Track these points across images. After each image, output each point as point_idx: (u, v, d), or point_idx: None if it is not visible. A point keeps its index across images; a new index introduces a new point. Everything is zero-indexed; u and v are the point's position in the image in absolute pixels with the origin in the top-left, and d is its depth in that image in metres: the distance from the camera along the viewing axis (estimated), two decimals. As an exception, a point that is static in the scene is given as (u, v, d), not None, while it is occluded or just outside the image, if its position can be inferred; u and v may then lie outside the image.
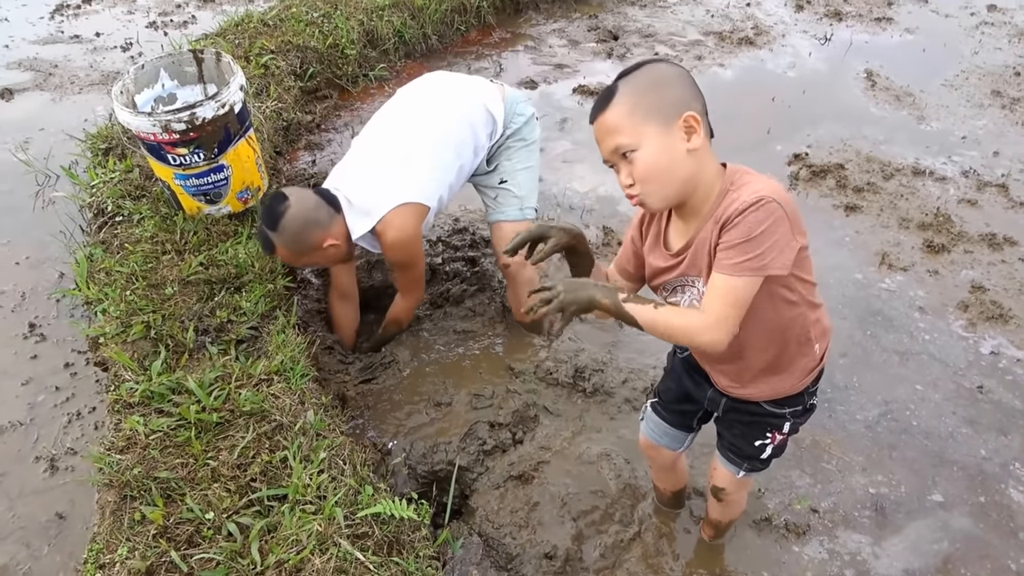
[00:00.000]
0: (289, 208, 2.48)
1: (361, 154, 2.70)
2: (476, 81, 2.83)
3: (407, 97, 2.79)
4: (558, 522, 2.38)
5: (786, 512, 2.49)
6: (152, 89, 3.09)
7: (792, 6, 5.95)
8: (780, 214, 1.40)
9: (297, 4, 4.93)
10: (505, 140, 2.81)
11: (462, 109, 2.69)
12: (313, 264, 2.71)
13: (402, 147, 2.62)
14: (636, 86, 1.47)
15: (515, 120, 2.79)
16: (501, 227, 2.84)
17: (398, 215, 2.54)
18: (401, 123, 2.70)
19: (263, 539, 1.96)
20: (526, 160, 2.85)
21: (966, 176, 4.06)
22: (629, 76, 1.49)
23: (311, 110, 4.44)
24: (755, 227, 1.40)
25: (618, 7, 5.96)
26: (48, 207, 3.63)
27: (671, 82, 1.48)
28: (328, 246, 2.57)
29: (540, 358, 2.95)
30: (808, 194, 3.92)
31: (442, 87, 2.78)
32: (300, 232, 2.51)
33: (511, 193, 2.82)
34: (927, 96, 4.79)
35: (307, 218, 2.51)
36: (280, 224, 2.48)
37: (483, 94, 2.74)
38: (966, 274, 3.43)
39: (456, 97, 2.72)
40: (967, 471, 2.63)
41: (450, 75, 2.87)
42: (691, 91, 1.49)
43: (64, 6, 5.65)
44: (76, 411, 2.73)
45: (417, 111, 2.71)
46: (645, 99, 1.46)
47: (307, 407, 2.39)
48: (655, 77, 1.48)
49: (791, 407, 1.82)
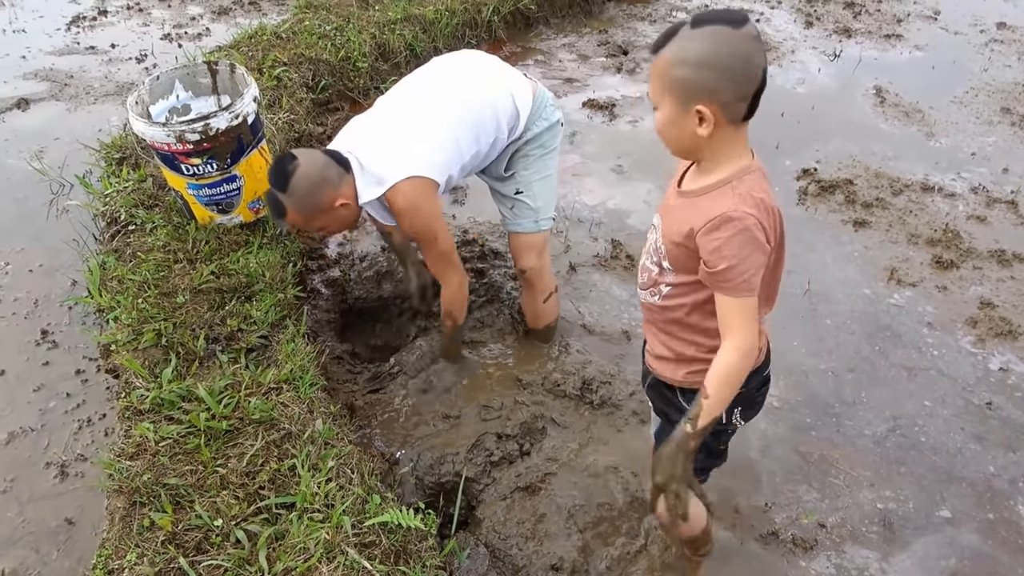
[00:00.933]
0: (299, 167, 2.38)
1: (381, 118, 2.58)
2: (509, 70, 2.70)
3: (439, 67, 2.67)
4: (564, 534, 2.39)
5: (793, 526, 2.48)
6: (167, 100, 3.13)
7: (802, 22, 5.98)
8: (751, 234, 1.51)
9: (310, 17, 4.98)
10: (525, 144, 2.70)
11: (490, 91, 2.57)
12: (324, 229, 2.59)
13: (422, 118, 2.52)
14: (682, 51, 1.46)
15: (538, 123, 2.67)
16: (517, 238, 2.82)
17: (409, 185, 2.44)
18: (427, 93, 2.59)
19: (271, 547, 1.97)
20: (543, 169, 2.77)
21: (975, 192, 4.06)
22: (692, 30, 1.45)
23: (322, 122, 4.47)
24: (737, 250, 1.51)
25: (628, 22, 6.00)
26: (62, 215, 3.67)
27: (708, 64, 1.43)
28: (340, 205, 2.46)
29: (548, 369, 2.95)
30: (817, 209, 3.92)
31: (476, 65, 2.67)
32: (311, 191, 2.40)
33: (527, 205, 2.77)
34: (936, 113, 4.80)
35: (318, 176, 2.40)
36: (290, 184, 2.38)
37: (514, 83, 2.62)
38: (975, 290, 3.42)
39: (487, 81, 2.61)
40: (976, 487, 2.62)
41: (485, 57, 2.74)
42: (724, 79, 1.44)
43: (80, 18, 5.72)
44: (87, 417, 2.76)
45: (445, 83, 2.60)
46: (677, 71, 1.46)
47: (316, 416, 2.40)
48: (698, 50, 1.44)
49: (685, 400, 1.85)
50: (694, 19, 1.46)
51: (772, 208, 1.55)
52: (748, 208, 1.50)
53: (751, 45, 1.44)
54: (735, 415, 1.84)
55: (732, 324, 1.58)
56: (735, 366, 1.59)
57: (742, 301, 1.55)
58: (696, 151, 1.57)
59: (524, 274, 2.88)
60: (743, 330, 1.57)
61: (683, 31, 1.46)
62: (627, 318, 3.24)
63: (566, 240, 3.65)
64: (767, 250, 1.54)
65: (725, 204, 1.51)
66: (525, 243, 2.80)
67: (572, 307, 3.25)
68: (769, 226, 1.54)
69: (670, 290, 1.73)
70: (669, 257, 1.68)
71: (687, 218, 1.59)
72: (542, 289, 2.93)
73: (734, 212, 1.49)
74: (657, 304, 1.77)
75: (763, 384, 1.87)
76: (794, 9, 6.18)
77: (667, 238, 1.67)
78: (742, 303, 1.56)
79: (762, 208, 1.52)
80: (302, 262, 3.30)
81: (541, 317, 3.05)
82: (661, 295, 1.75)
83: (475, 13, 5.40)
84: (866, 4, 6.27)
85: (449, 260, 2.68)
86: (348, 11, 5.11)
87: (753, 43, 1.44)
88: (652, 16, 6.06)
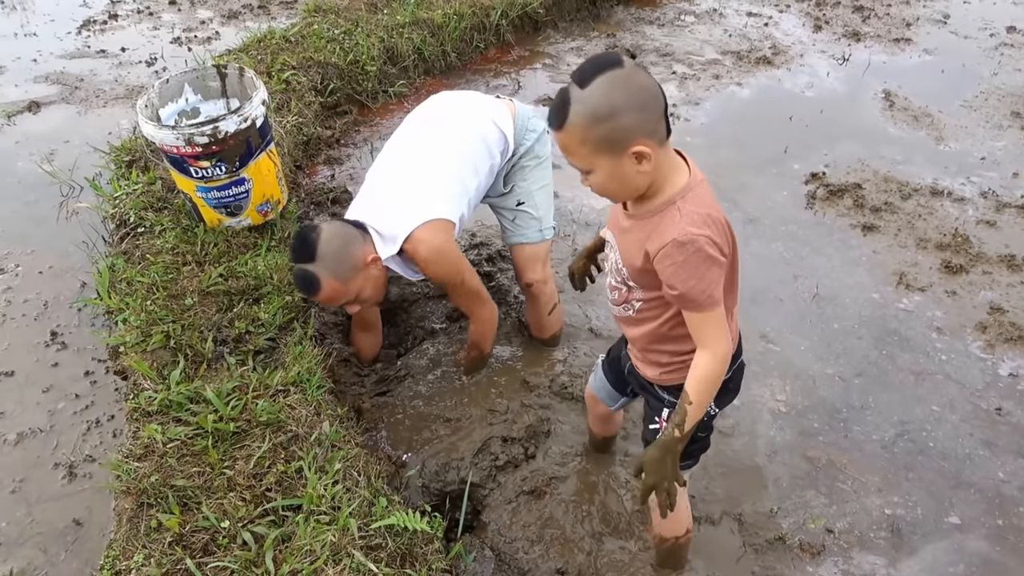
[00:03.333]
0: (321, 233, 2.35)
1: (378, 183, 2.61)
2: (483, 98, 2.75)
3: (417, 120, 2.72)
4: (571, 538, 2.38)
5: (800, 531, 2.47)
6: (176, 103, 3.15)
7: (810, 26, 5.96)
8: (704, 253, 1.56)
9: (319, 21, 5.00)
10: (519, 159, 2.75)
11: (474, 126, 2.62)
12: (359, 294, 2.48)
13: (420, 167, 2.55)
14: (587, 112, 1.48)
15: (527, 136, 2.72)
16: (523, 250, 2.80)
17: (425, 231, 2.44)
18: (416, 145, 2.63)
19: (277, 549, 1.98)
20: (541, 179, 2.80)
21: (985, 197, 4.04)
22: (584, 91, 1.48)
23: (331, 125, 4.49)
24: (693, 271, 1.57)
25: (636, 26, 6.00)
26: (72, 218, 3.69)
27: (622, 109, 1.47)
28: (371, 260, 2.43)
29: (555, 372, 2.95)
30: (825, 213, 3.91)
31: (450, 106, 2.73)
32: (342, 250, 2.36)
33: (530, 215, 2.77)
34: (946, 117, 4.78)
35: (345, 235, 2.40)
36: (319, 250, 2.32)
37: (491, 111, 2.66)
38: (984, 295, 3.41)
39: (466, 115, 2.66)
40: (984, 493, 2.61)
41: (456, 94, 2.81)
42: (642, 112, 1.49)
43: (91, 22, 5.75)
44: (95, 419, 2.77)
45: (430, 131, 2.65)
46: (595, 131, 1.49)
47: (323, 418, 2.40)
48: (606, 103, 1.47)
49: (670, 396, 1.92)
50: (578, 79, 1.49)
51: (719, 220, 1.61)
52: (696, 229, 1.55)
53: (641, 73, 1.51)
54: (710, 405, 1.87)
55: (703, 334, 1.66)
56: (713, 372, 1.67)
57: (708, 314, 1.62)
58: (643, 186, 1.60)
59: (530, 288, 2.86)
60: (715, 338, 1.65)
61: (575, 95, 1.49)
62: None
63: (573, 243, 3.65)
64: (723, 262, 1.60)
65: (675, 228, 1.56)
66: (530, 255, 2.79)
67: (579, 311, 3.25)
68: (721, 239, 1.59)
69: (642, 304, 1.80)
70: (633, 278, 1.75)
71: (641, 241, 1.65)
72: (546, 301, 2.92)
73: (683, 236, 1.55)
74: (633, 317, 1.84)
75: (736, 370, 1.93)
76: (803, 13, 6.17)
77: (628, 263, 1.74)
78: (708, 316, 1.63)
79: (710, 223, 1.57)
80: (310, 265, 3.31)
81: (547, 328, 3.05)
82: (634, 309, 1.82)
83: (483, 17, 5.40)
84: (875, 8, 6.25)
85: (479, 296, 2.71)
86: (357, 15, 5.13)
87: (641, 71, 1.51)
88: (660, 20, 6.05)
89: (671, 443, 1.72)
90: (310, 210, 3.79)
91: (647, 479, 1.76)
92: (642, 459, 1.78)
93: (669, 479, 1.75)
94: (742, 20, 6.06)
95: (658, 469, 1.74)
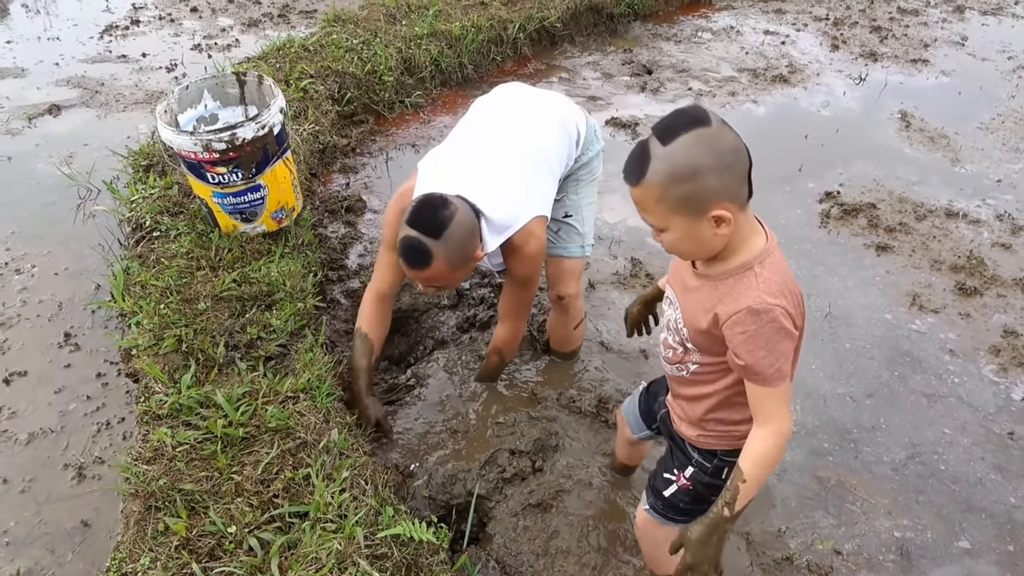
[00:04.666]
0: (456, 212, 2.15)
1: (483, 163, 2.41)
2: (565, 99, 2.68)
3: (507, 103, 2.60)
4: (576, 552, 2.37)
5: (808, 552, 2.45)
6: (195, 109, 3.17)
7: (828, 45, 5.96)
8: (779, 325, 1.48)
9: (338, 31, 5.04)
10: (577, 171, 2.69)
11: (565, 123, 2.55)
12: (450, 284, 2.35)
13: (528, 159, 2.44)
14: (668, 171, 1.39)
15: (590, 148, 2.66)
16: (561, 262, 2.75)
17: (538, 225, 2.37)
18: (521, 134, 2.48)
19: (283, 555, 1.98)
20: (590, 195, 2.76)
21: (1000, 220, 4.02)
22: (666, 148, 1.39)
23: (347, 134, 4.52)
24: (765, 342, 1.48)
25: (653, 42, 6.01)
26: (88, 220, 3.72)
27: (705, 170, 1.38)
28: (479, 256, 2.29)
29: (564, 385, 2.95)
30: (839, 232, 3.90)
31: (541, 99, 2.63)
32: (465, 240, 2.19)
33: (575, 229, 2.73)
34: (962, 138, 4.76)
35: (472, 225, 2.22)
36: (447, 231, 2.13)
37: (574, 112, 2.62)
38: (998, 318, 3.38)
39: (557, 110, 2.58)
40: (996, 518, 2.58)
41: (537, 90, 2.70)
42: (726, 175, 1.40)
43: (113, 27, 5.82)
44: (106, 420, 2.78)
45: (526, 120, 2.53)
46: (674, 191, 1.41)
47: (332, 426, 2.41)
48: (688, 163, 1.38)
49: (700, 456, 1.84)
50: (660, 134, 1.41)
51: (794, 290, 1.53)
52: (773, 299, 1.47)
53: (729, 132, 1.42)
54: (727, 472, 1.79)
55: (766, 409, 1.56)
56: (773, 451, 1.58)
57: (773, 389, 1.53)
58: (720, 248, 1.51)
59: (561, 300, 2.82)
60: (777, 415, 1.55)
61: (656, 151, 1.40)
62: (645, 337, 3.21)
63: (586, 257, 3.65)
64: (795, 335, 1.52)
65: (751, 295, 1.48)
66: (568, 268, 2.76)
67: (591, 325, 3.24)
68: (795, 310, 1.51)
69: (698, 368, 1.70)
70: (694, 341, 1.65)
71: (710, 304, 1.55)
72: (574, 316, 2.90)
73: (760, 305, 1.46)
74: (686, 378, 1.75)
75: None
76: (820, 32, 6.17)
77: (690, 324, 1.63)
78: (774, 391, 1.53)
79: (786, 293, 1.50)
80: (323, 272, 3.33)
81: (569, 343, 3.04)
82: (689, 371, 1.73)
83: (501, 30, 5.43)
84: (893, 28, 6.25)
85: (527, 307, 2.63)
86: (375, 25, 5.17)
87: (728, 129, 1.42)
88: (677, 36, 6.07)
89: (720, 522, 1.61)
90: (324, 218, 3.82)
91: (687, 558, 1.64)
92: (684, 534, 1.66)
93: (711, 562, 1.64)
94: (759, 38, 6.06)
95: (701, 550, 1.63)
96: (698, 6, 6.64)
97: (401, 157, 4.45)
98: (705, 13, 6.53)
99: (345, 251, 3.63)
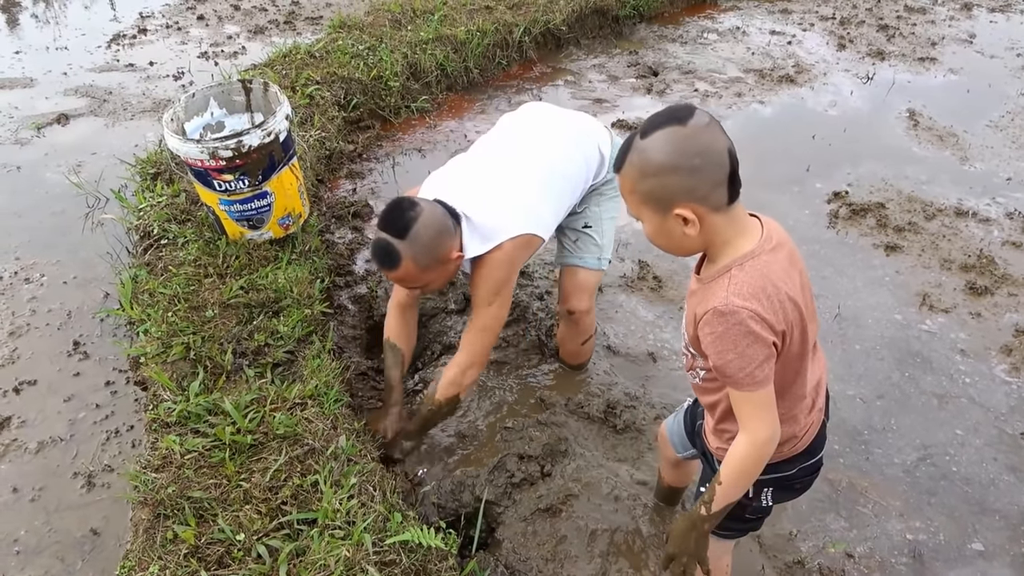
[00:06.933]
0: (421, 213, 2.20)
1: (482, 172, 2.47)
2: (592, 120, 2.70)
3: (526, 120, 2.63)
4: (585, 557, 2.36)
5: (820, 555, 2.44)
6: (201, 117, 3.18)
7: (834, 45, 5.94)
8: (746, 328, 1.45)
9: (343, 37, 5.06)
10: (601, 185, 2.70)
11: (583, 145, 2.56)
12: (428, 285, 2.38)
13: (535, 176, 2.45)
14: (642, 163, 1.44)
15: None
16: (576, 272, 2.73)
17: (516, 244, 2.36)
18: (533, 151, 2.51)
19: (291, 563, 1.98)
20: (613, 210, 2.75)
21: (1011, 218, 3.99)
22: (642, 141, 1.43)
23: (353, 140, 4.52)
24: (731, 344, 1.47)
25: (659, 43, 6.00)
26: (97, 228, 3.74)
27: (669, 169, 1.41)
28: (455, 257, 2.31)
29: (572, 391, 2.94)
30: (848, 232, 3.88)
31: (563, 118, 2.65)
32: (434, 240, 2.23)
33: (593, 241, 2.71)
34: (971, 137, 4.73)
35: (440, 225, 2.25)
36: (412, 231, 2.18)
37: (599, 134, 2.63)
38: (1010, 317, 3.36)
39: (578, 132, 2.59)
40: (1009, 520, 2.56)
41: (563, 110, 2.72)
42: (692, 177, 1.41)
43: (121, 36, 5.86)
44: (115, 428, 2.79)
45: (540, 138, 2.55)
46: (644, 183, 1.45)
47: (340, 432, 2.41)
48: (654, 160, 1.42)
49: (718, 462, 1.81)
50: (642, 128, 1.44)
51: (778, 296, 1.47)
52: (741, 301, 1.44)
53: (705, 134, 1.41)
54: (765, 495, 1.78)
55: (742, 415, 1.56)
56: (748, 457, 1.56)
57: (749, 394, 1.51)
58: (695, 247, 1.53)
59: (572, 315, 2.79)
60: (754, 421, 1.54)
61: (635, 144, 1.45)
62: (652, 339, 3.22)
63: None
64: (769, 341, 1.47)
65: (718, 297, 1.47)
66: (582, 280, 2.73)
67: (598, 328, 3.23)
68: (773, 315, 1.46)
69: (705, 374, 1.70)
70: (692, 345, 1.65)
71: (696, 306, 1.57)
72: (584, 331, 2.88)
73: (725, 306, 1.44)
74: (700, 385, 1.75)
75: (810, 472, 1.81)
76: (827, 32, 6.15)
77: (688, 328, 1.66)
78: (749, 396, 1.51)
79: (761, 296, 1.45)
80: (330, 278, 3.33)
81: (577, 357, 3.03)
82: (700, 378, 1.73)
83: (506, 34, 5.44)
84: (900, 27, 6.22)
85: (491, 334, 2.49)
86: (381, 31, 5.18)
87: (707, 131, 1.41)
88: (683, 38, 6.06)
89: (697, 519, 1.65)
90: (331, 223, 3.82)
91: (668, 548, 1.71)
92: (671, 527, 1.72)
93: (690, 555, 1.68)
94: (765, 38, 6.05)
95: (680, 542, 1.68)
96: (703, 7, 6.64)
97: (407, 162, 4.45)
98: (711, 14, 6.52)
99: (352, 257, 3.63)
